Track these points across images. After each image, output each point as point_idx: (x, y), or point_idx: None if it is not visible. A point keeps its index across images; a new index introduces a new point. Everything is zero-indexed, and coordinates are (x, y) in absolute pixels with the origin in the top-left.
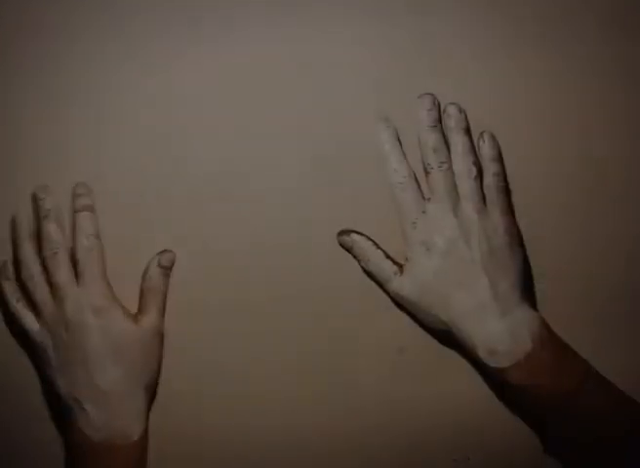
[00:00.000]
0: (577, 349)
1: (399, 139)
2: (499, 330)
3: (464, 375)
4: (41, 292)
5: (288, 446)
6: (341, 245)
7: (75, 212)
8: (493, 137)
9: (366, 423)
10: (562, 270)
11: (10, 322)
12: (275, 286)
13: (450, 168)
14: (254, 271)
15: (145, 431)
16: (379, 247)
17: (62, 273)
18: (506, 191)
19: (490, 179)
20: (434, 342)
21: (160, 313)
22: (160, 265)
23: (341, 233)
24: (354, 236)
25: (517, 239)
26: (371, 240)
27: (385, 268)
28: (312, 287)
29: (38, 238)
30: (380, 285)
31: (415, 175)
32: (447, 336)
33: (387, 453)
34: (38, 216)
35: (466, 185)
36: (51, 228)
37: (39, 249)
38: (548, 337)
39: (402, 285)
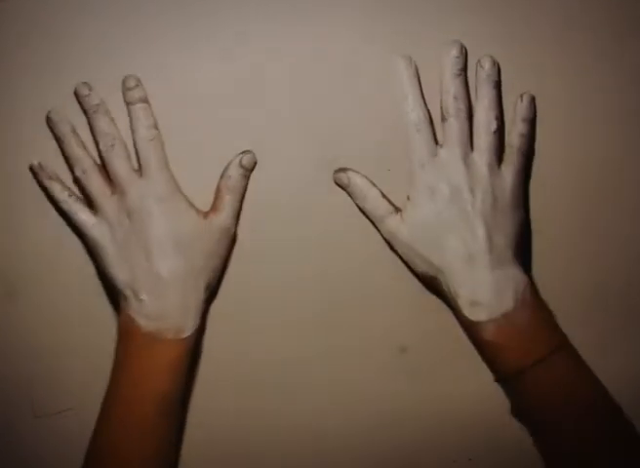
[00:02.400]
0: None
1: (419, 80)
2: (485, 282)
3: (466, 376)
4: (97, 185)
5: (287, 445)
6: (337, 182)
7: (129, 104)
8: (532, 100)
9: (366, 423)
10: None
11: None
12: (274, 282)
13: (468, 117)
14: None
15: (197, 331)
16: (375, 185)
17: (123, 164)
18: (528, 155)
19: (515, 139)
20: (436, 342)
21: (234, 214)
22: (241, 165)
23: (338, 170)
24: (350, 173)
25: (522, 202)
26: (366, 178)
27: (381, 206)
28: (313, 284)
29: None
30: (375, 223)
31: (431, 118)
32: (432, 282)
33: (388, 454)
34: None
35: (483, 138)
36: (103, 122)
37: (96, 144)
38: (531, 301)
39: (397, 225)
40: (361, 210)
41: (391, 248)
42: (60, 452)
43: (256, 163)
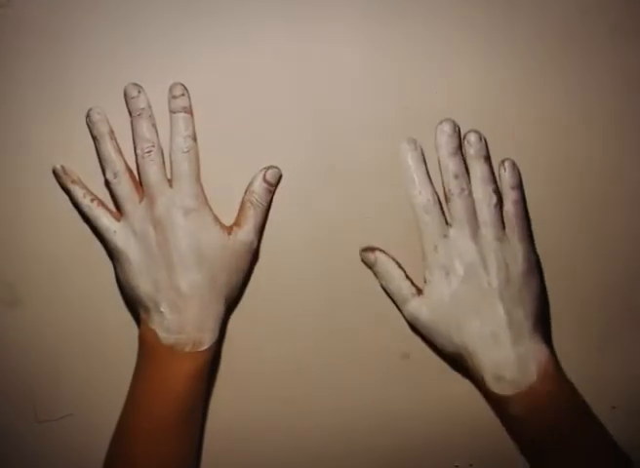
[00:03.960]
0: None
1: (424, 161)
2: (508, 357)
3: (468, 382)
4: (127, 190)
5: (290, 448)
6: (364, 261)
7: (172, 112)
8: (514, 165)
9: (369, 429)
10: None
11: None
12: (275, 288)
13: (470, 194)
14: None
15: (215, 344)
16: (400, 266)
17: (156, 172)
18: (526, 218)
19: (509, 207)
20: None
21: (256, 229)
22: (265, 180)
23: (365, 250)
24: (378, 254)
25: (535, 267)
26: (393, 259)
27: (404, 288)
28: (316, 291)
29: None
30: (397, 305)
31: (439, 198)
32: (457, 359)
33: (390, 459)
34: (130, 114)
35: (486, 212)
36: (145, 126)
37: (134, 147)
38: (553, 373)
39: (419, 307)
40: (384, 289)
41: (413, 329)
42: (62, 457)
43: (280, 177)
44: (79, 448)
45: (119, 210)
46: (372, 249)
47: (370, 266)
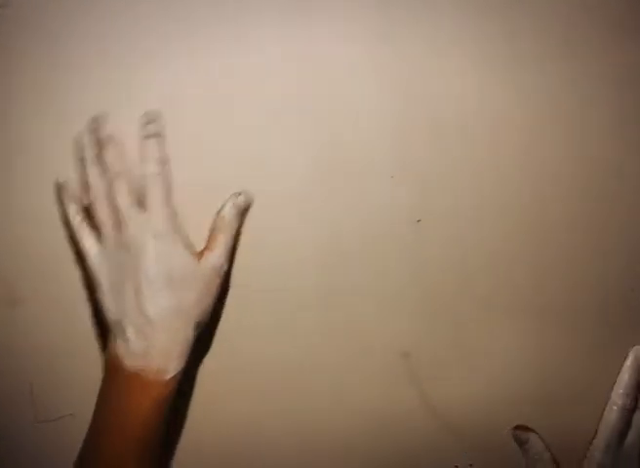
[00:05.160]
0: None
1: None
2: None
3: (467, 381)
4: (104, 214)
5: (288, 447)
6: (514, 437)
7: (143, 138)
8: None
9: (368, 428)
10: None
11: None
12: (276, 286)
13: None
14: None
15: (181, 374)
16: (549, 450)
17: (125, 196)
18: None
19: None
20: (439, 347)
21: (227, 253)
22: (235, 206)
23: (518, 428)
24: (531, 435)
25: None
26: (544, 442)
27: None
28: (316, 290)
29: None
30: None
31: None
32: None
33: (389, 459)
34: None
35: None
36: (113, 152)
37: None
38: None
39: None
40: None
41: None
42: (61, 457)
43: (251, 203)
44: (77, 448)
45: (98, 229)
46: (525, 428)
47: (519, 444)
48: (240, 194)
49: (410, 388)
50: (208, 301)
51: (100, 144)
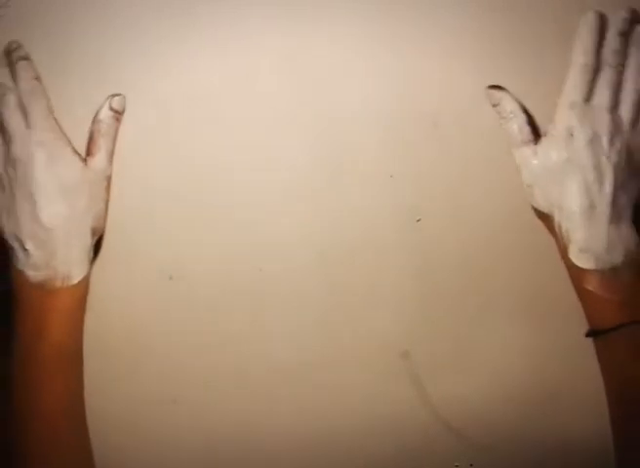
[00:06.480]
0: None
1: (602, 35)
2: (599, 233)
3: (469, 381)
4: None
5: (288, 447)
6: (489, 97)
7: (13, 64)
8: None
9: (368, 428)
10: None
11: None
12: (275, 285)
13: (622, 73)
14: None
15: (86, 278)
16: (526, 111)
17: (10, 114)
18: None
19: None
20: (438, 347)
21: (109, 156)
22: (111, 108)
23: (492, 87)
24: (503, 93)
25: None
26: (518, 102)
27: (524, 133)
28: (315, 289)
29: None
30: (512, 147)
31: (597, 68)
32: (544, 219)
33: (389, 458)
34: None
35: (630, 97)
36: (1, 73)
37: None
38: (638, 265)
39: (531, 155)
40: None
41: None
42: None
43: (124, 105)
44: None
45: None
46: (499, 87)
47: (494, 104)
48: (115, 96)
49: (410, 388)
50: (100, 206)
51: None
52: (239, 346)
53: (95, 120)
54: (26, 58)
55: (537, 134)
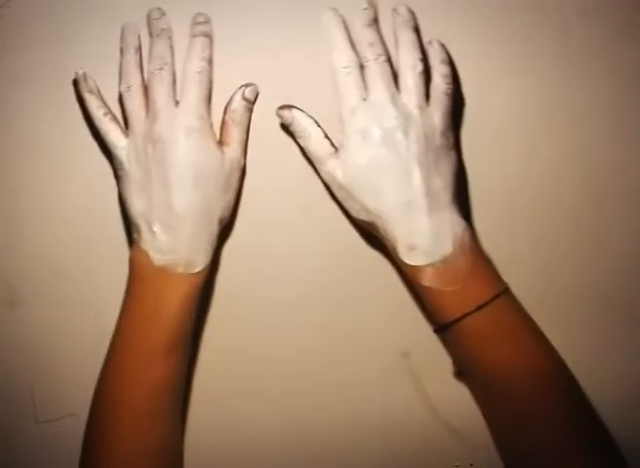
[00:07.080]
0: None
1: (346, 27)
2: (422, 226)
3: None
4: (136, 104)
5: (288, 446)
6: (281, 119)
7: (192, 36)
8: (442, 44)
9: (368, 428)
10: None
11: (97, 136)
12: (274, 284)
13: (388, 60)
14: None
15: (208, 268)
16: (319, 125)
17: (163, 90)
18: (451, 96)
19: (438, 80)
20: (438, 347)
21: (242, 146)
22: (244, 98)
23: (282, 107)
24: (295, 111)
25: (454, 145)
26: (311, 118)
27: (324, 147)
28: (315, 289)
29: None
30: (315, 165)
31: (360, 64)
32: (370, 228)
33: (389, 458)
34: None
35: (410, 79)
36: (161, 45)
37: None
38: (470, 246)
39: (335, 167)
40: (303, 150)
41: (330, 192)
42: (63, 457)
43: (258, 94)
44: (80, 448)
45: (127, 126)
46: (289, 107)
47: (288, 124)
48: (247, 85)
49: (410, 388)
50: (230, 196)
51: (154, 34)
52: (238, 346)
53: (227, 110)
54: (209, 35)
55: (334, 147)
